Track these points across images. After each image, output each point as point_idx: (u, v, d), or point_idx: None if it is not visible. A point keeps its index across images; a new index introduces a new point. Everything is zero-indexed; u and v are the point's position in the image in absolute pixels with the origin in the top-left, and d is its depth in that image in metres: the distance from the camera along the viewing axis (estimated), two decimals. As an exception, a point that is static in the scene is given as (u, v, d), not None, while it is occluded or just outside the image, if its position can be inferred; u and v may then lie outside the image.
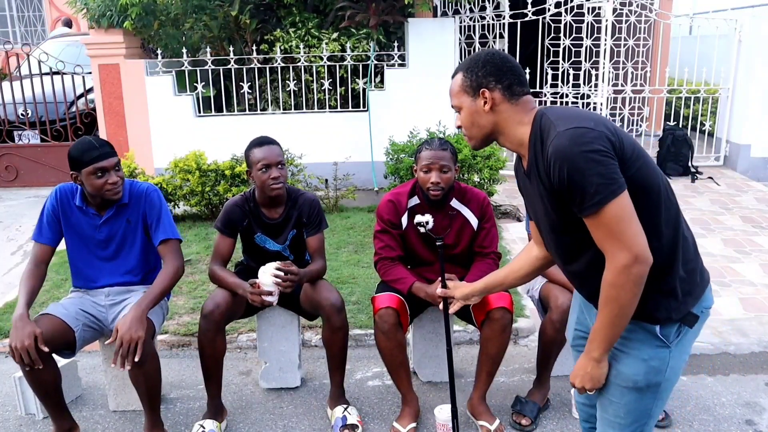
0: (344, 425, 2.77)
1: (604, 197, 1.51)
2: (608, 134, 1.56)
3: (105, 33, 6.59)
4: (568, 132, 1.55)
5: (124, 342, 2.43)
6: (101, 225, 2.74)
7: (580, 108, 1.77)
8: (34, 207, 6.53)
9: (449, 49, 6.74)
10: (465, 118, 1.78)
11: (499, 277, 2.16)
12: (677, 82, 8.22)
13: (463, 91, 1.75)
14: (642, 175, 1.60)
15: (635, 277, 1.54)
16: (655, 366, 1.69)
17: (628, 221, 1.53)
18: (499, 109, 1.72)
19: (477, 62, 1.73)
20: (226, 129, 6.69)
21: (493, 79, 1.71)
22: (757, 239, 5.05)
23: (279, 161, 2.80)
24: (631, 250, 1.53)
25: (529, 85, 1.77)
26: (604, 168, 1.52)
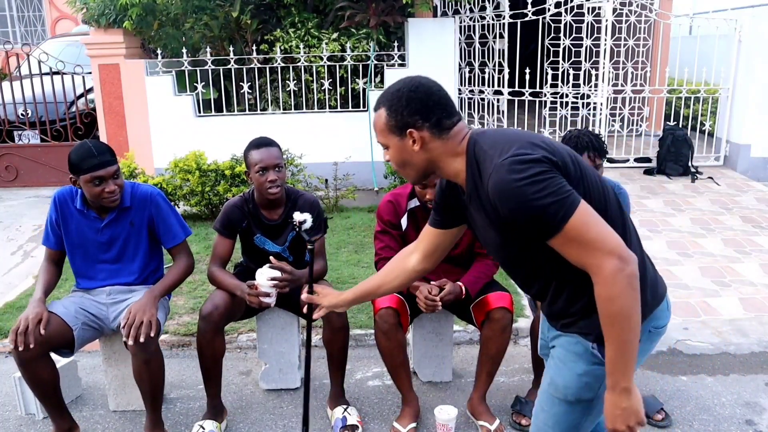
0: (344, 426, 2.77)
1: (565, 214, 1.44)
2: (546, 154, 1.49)
3: (105, 33, 6.60)
4: (506, 163, 1.47)
5: (137, 317, 2.51)
6: (103, 228, 2.74)
7: (512, 129, 1.66)
8: (34, 207, 6.54)
9: (449, 49, 6.74)
10: (395, 157, 1.67)
11: (371, 286, 2.05)
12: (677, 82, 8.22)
13: (389, 131, 1.63)
14: (587, 195, 1.53)
15: (629, 278, 1.44)
16: (588, 382, 1.63)
17: (597, 226, 1.46)
18: (430, 147, 1.62)
19: (400, 99, 1.60)
20: (226, 129, 6.69)
21: (420, 118, 1.59)
22: (757, 239, 5.05)
23: (276, 164, 2.78)
24: (613, 252, 1.44)
25: (458, 112, 1.66)
26: (553, 186, 1.44)
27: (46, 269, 2.78)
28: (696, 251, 4.82)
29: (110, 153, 2.63)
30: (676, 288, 4.21)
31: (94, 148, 2.58)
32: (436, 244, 1.91)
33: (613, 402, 1.53)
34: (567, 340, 1.68)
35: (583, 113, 7.49)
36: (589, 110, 7.33)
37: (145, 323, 2.52)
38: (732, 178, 6.86)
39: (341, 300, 2.12)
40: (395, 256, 2.04)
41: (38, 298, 2.60)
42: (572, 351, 1.65)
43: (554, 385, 1.69)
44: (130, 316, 2.54)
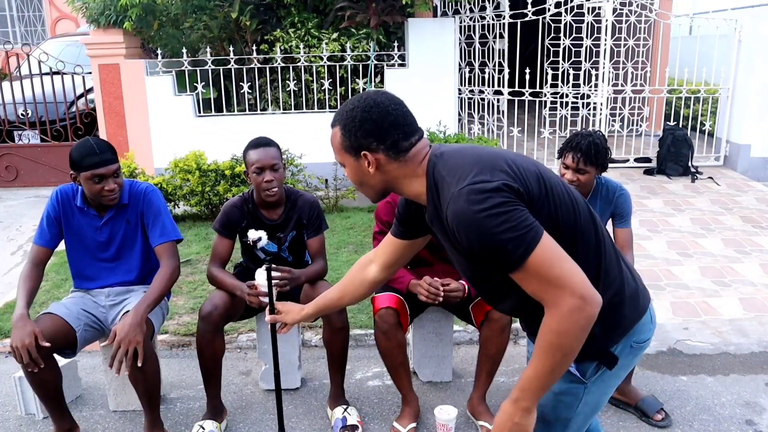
0: (344, 426, 2.77)
1: (525, 250, 1.37)
2: (508, 181, 1.42)
3: (105, 33, 6.60)
4: (464, 192, 1.40)
5: (122, 346, 2.42)
6: (102, 226, 2.74)
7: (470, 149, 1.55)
8: (34, 207, 6.54)
9: (449, 49, 6.74)
10: (352, 176, 1.62)
11: (332, 298, 2.02)
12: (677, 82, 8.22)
13: (344, 150, 1.58)
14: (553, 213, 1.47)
15: (585, 321, 1.37)
16: (566, 402, 1.59)
17: (560, 263, 1.38)
18: (386, 170, 1.56)
19: (353, 120, 1.53)
20: (226, 129, 6.69)
21: (374, 140, 1.52)
22: (757, 239, 5.05)
23: (273, 164, 2.77)
24: (575, 292, 1.36)
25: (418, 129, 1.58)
26: (513, 220, 1.37)
27: (29, 275, 2.66)
28: (696, 251, 4.82)
29: (111, 151, 2.62)
30: (676, 288, 4.21)
31: (95, 146, 2.57)
32: (398, 255, 1.86)
33: (509, 414, 1.48)
34: None
35: (583, 113, 7.49)
36: (589, 110, 7.33)
37: (130, 354, 2.43)
38: (732, 178, 6.86)
39: (303, 315, 2.12)
40: (353, 266, 2.00)
41: (23, 314, 2.47)
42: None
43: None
44: (114, 343, 2.43)
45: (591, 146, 2.72)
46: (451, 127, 6.55)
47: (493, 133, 7.19)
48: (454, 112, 6.91)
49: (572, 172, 2.78)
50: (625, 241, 2.91)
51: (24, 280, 2.65)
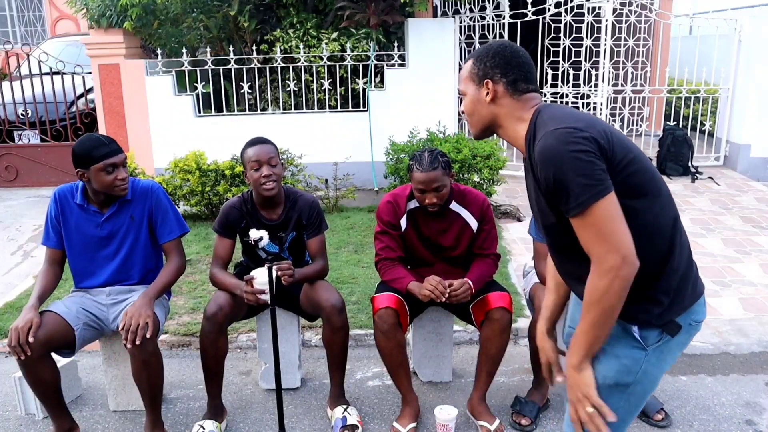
0: (344, 426, 2.77)
1: (589, 197, 1.48)
2: (597, 136, 1.53)
3: (105, 33, 6.60)
4: (556, 132, 1.53)
5: (133, 320, 2.51)
6: (103, 222, 2.75)
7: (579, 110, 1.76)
8: (34, 207, 6.54)
9: (449, 49, 6.74)
10: (468, 105, 1.77)
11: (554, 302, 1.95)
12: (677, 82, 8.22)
13: (470, 79, 1.75)
14: (634, 181, 1.57)
15: (622, 280, 1.49)
16: (627, 365, 1.64)
17: (615, 222, 1.50)
18: (500, 103, 1.71)
19: (488, 52, 1.72)
20: (226, 129, 6.69)
21: (499, 72, 1.70)
22: (757, 239, 5.05)
23: (270, 158, 2.78)
24: (619, 251, 1.48)
25: (536, 83, 1.75)
26: (589, 168, 1.49)
27: (45, 272, 2.76)
28: (696, 251, 4.82)
29: (116, 142, 2.69)
30: (676, 288, 4.21)
31: (102, 138, 2.63)
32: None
33: (569, 375, 1.64)
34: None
35: (583, 113, 7.48)
36: (589, 110, 7.33)
37: (142, 325, 2.52)
38: (732, 178, 6.86)
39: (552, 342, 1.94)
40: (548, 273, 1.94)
41: (31, 305, 2.58)
42: (612, 335, 1.62)
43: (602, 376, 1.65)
44: (126, 319, 2.53)
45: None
46: (450, 127, 6.55)
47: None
48: (453, 112, 6.91)
49: None
50: None
51: (39, 277, 2.76)
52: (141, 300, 2.61)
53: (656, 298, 1.60)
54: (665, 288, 1.61)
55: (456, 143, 5.59)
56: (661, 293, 1.61)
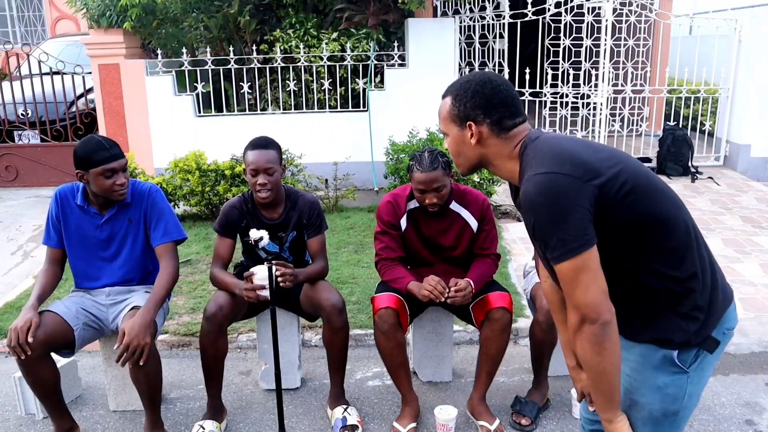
0: (344, 426, 2.77)
1: (563, 254, 1.45)
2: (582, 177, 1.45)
3: (105, 33, 6.60)
4: (538, 177, 1.47)
5: (130, 347, 2.46)
6: (103, 224, 2.74)
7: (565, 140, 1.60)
8: (34, 207, 6.54)
9: (449, 49, 6.74)
10: (452, 146, 1.70)
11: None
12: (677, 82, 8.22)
13: (450, 120, 1.66)
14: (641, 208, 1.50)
15: (588, 336, 1.46)
16: (672, 393, 1.59)
17: (584, 280, 1.45)
18: (486, 143, 1.63)
19: (467, 91, 1.62)
20: (226, 129, 6.69)
21: (482, 113, 1.60)
22: (757, 239, 5.05)
23: (268, 168, 2.75)
24: (579, 309, 1.46)
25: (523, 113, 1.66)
26: (568, 224, 1.44)
27: (46, 272, 2.75)
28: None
29: (118, 146, 2.67)
30: (676, 288, 4.21)
31: (104, 142, 2.61)
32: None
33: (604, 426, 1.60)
34: (642, 352, 1.60)
35: (583, 113, 7.49)
36: (589, 110, 7.32)
37: (138, 353, 2.47)
38: (732, 178, 6.86)
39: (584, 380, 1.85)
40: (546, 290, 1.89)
41: (30, 305, 2.57)
42: (649, 364, 1.58)
43: (636, 406, 1.62)
44: (123, 341, 2.47)
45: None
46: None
47: (493, 133, 7.18)
48: (454, 112, 6.90)
49: None
50: None
51: (40, 276, 2.75)
52: (141, 319, 2.51)
53: (692, 314, 1.55)
54: (700, 303, 1.55)
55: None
56: (695, 310, 1.55)
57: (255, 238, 2.60)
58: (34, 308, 2.56)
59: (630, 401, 1.63)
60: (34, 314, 2.52)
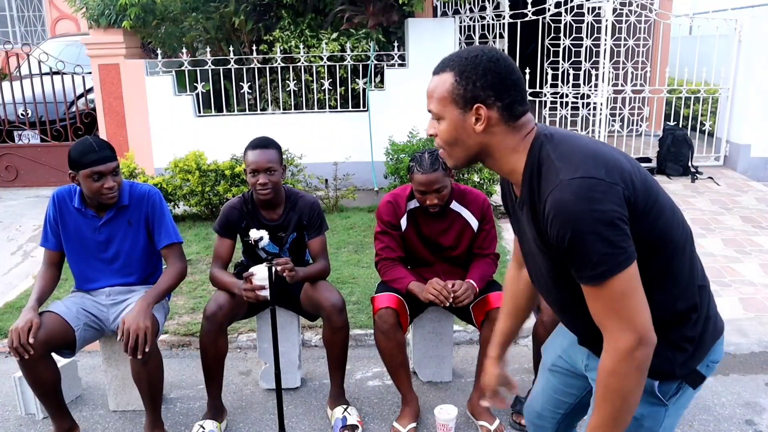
0: (344, 426, 2.77)
1: (609, 269, 1.28)
2: (622, 186, 1.30)
3: (104, 33, 6.60)
4: (575, 183, 1.28)
5: (131, 332, 2.48)
6: (101, 226, 2.74)
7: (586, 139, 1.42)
8: (34, 207, 6.54)
9: (449, 49, 6.71)
10: (447, 133, 1.43)
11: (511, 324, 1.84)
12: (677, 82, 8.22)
13: (452, 100, 1.40)
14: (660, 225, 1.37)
15: (640, 362, 1.31)
16: (648, 426, 1.50)
17: (633, 297, 1.30)
18: (493, 131, 1.40)
19: (476, 67, 1.37)
20: (226, 129, 6.69)
21: (494, 94, 1.37)
22: (757, 239, 5.05)
23: (268, 167, 2.75)
24: (636, 330, 1.30)
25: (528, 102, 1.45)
26: (613, 234, 1.26)
27: (44, 274, 2.74)
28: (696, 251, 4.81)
29: (110, 149, 2.64)
30: (676, 288, 4.21)
31: (94, 144, 2.59)
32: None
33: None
34: None
35: (583, 113, 7.49)
36: (589, 110, 7.33)
37: (141, 337, 2.48)
38: (732, 178, 6.86)
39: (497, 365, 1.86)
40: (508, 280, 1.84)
41: (30, 306, 2.57)
42: None
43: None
44: (124, 329, 2.49)
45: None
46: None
47: (493, 133, 7.18)
48: (454, 112, 6.90)
49: None
50: None
51: (38, 278, 2.74)
52: (138, 307, 2.57)
53: (681, 345, 1.45)
54: (690, 335, 1.45)
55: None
56: (685, 341, 1.45)
57: (255, 238, 2.60)
58: (35, 309, 2.56)
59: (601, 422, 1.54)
60: (34, 315, 2.52)
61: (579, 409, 1.84)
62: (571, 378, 1.78)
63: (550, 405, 1.86)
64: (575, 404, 1.83)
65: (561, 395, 1.83)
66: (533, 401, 1.92)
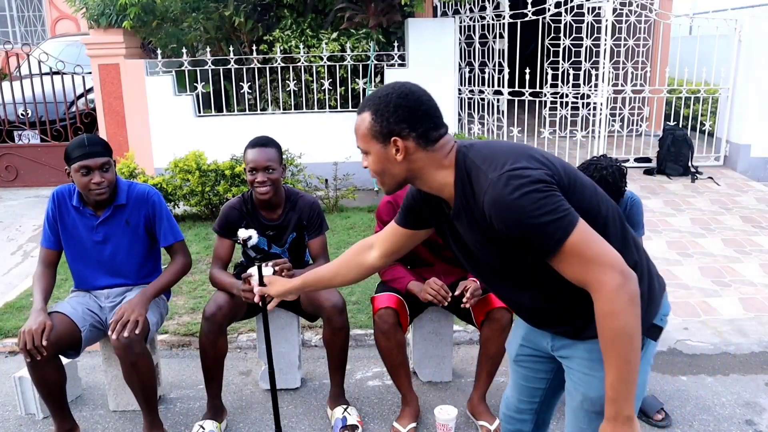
0: (344, 426, 2.77)
1: (563, 232, 1.40)
2: (543, 168, 1.46)
3: (104, 33, 6.60)
4: (503, 177, 1.42)
5: (125, 314, 2.53)
6: (98, 225, 2.74)
7: (503, 141, 1.62)
8: (34, 207, 6.54)
9: (449, 49, 6.74)
10: (374, 165, 1.60)
11: (325, 275, 2.01)
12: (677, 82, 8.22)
13: (372, 137, 1.56)
14: (582, 201, 1.51)
15: (630, 294, 1.40)
16: None
17: (596, 242, 1.43)
18: (413, 158, 1.55)
19: (388, 105, 1.53)
20: (226, 129, 6.69)
21: (407, 126, 1.52)
22: (757, 239, 5.05)
23: (266, 166, 2.75)
24: (613, 266, 1.41)
25: (445, 123, 1.59)
26: (552, 204, 1.40)
27: (42, 275, 2.74)
28: (696, 251, 4.82)
29: (102, 146, 2.64)
30: (676, 288, 4.21)
31: (86, 139, 2.61)
32: (400, 245, 1.87)
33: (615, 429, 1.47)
34: (587, 348, 1.61)
35: (583, 113, 7.49)
36: (589, 110, 7.32)
37: (132, 321, 2.52)
38: (732, 178, 6.86)
39: (288, 288, 2.11)
40: (353, 247, 1.98)
41: (39, 308, 2.57)
42: (597, 358, 1.54)
43: (589, 401, 1.61)
44: (119, 312, 2.56)
45: (602, 183, 2.57)
46: (450, 127, 6.54)
47: (493, 133, 7.19)
48: (454, 112, 6.90)
49: None
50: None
51: (37, 280, 2.74)
52: (138, 297, 2.63)
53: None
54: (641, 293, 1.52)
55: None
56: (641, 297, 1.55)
57: (243, 238, 2.57)
58: (44, 311, 2.56)
59: (582, 397, 1.65)
60: (46, 317, 2.52)
61: (552, 393, 1.93)
62: (537, 363, 1.88)
63: (525, 395, 1.94)
64: (548, 388, 1.92)
65: (532, 383, 1.92)
66: (509, 398, 2.00)
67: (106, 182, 2.64)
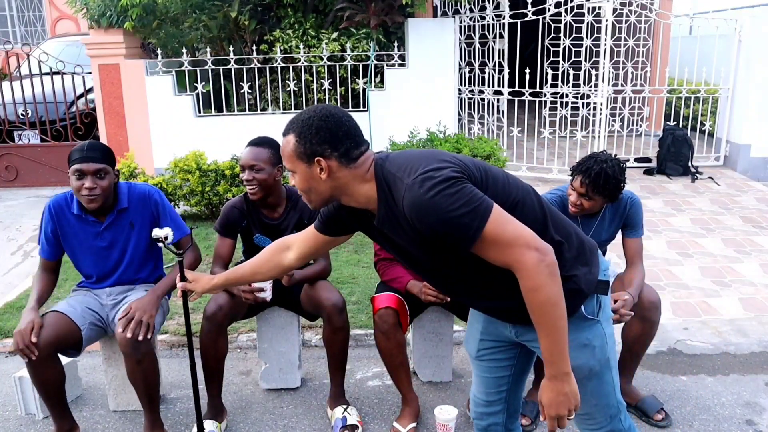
0: (344, 426, 2.77)
1: (480, 220, 1.51)
2: (452, 167, 1.56)
3: (105, 33, 6.60)
4: (417, 181, 1.53)
5: (136, 315, 2.53)
6: (103, 231, 2.73)
7: (414, 150, 1.75)
8: (34, 207, 6.54)
9: (449, 49, 6.74)
10: (301, 183, 1.70)
11: (244, 273, 2.13)
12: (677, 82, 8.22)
13: (297, 157, 1.66)
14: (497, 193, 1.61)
15: (550, 268, 1.53)
16: (599, 345, 1.76)
17: (510, 223, 1.54)
18: (336, 176, 1.65)
19: (310, 128, 1.63)
20: (226, 129, 6.69)
21: (329, 147, 1.63)
22: (757, 239, 5.05)
23: (252, 165, 2.74)
24: (529, 245, 1.52)
25: (366, 141, 1.70)
26: (465, 196, 1.51)
27: (41, 278, 2.75)
28: (696, 251, 4.82)
29: (101, 152, 2.61)
30: (676, 288, 4.21)
31: (86, 144, 2.62)
32: (317, 248, 1.99)
33: (556, 389, 1.61)
34: None
35: (583, 113, 7.49)
36: (589, 110, 7.32)
37: (144, 323, 2.53)
38: (732, 178, 6.86)
39: (212, 285, 2.22)
40: (272, 246, 2.08)
41: (30, 307, 2.58)
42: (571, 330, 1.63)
43: (576, 370, 1.67)
44: (130, 311, 2.55)
45: (601, 175, 2.55)
46: (450, 127, 6.55)
47: (493, 133, 7.19)
48: (453, 112, 6.90)
49: (577, 195, 2.63)
50: (635, 252, 2.81)
51: (36, 282, 2.75)
52: (149, 296, 2.63)
53: (573, 267, 1.69)
54: (575, 257, 1.70)
55: (456, 143, 5.58)
56: (577, 264, 1.70)
57: (160, 236, 2.47)
58: (35, 310, 2.57)
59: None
60: (35, 315, 2.53)
61: (517, 378, 2.02)
62: (499, 353, 1.97)
63: (493, 387, 2.02)
64: (513, 374, 2.00)
65: (497, 372, 2.00)
66: (476, 395, 2.07)
67: (99, 189, 2.60)
